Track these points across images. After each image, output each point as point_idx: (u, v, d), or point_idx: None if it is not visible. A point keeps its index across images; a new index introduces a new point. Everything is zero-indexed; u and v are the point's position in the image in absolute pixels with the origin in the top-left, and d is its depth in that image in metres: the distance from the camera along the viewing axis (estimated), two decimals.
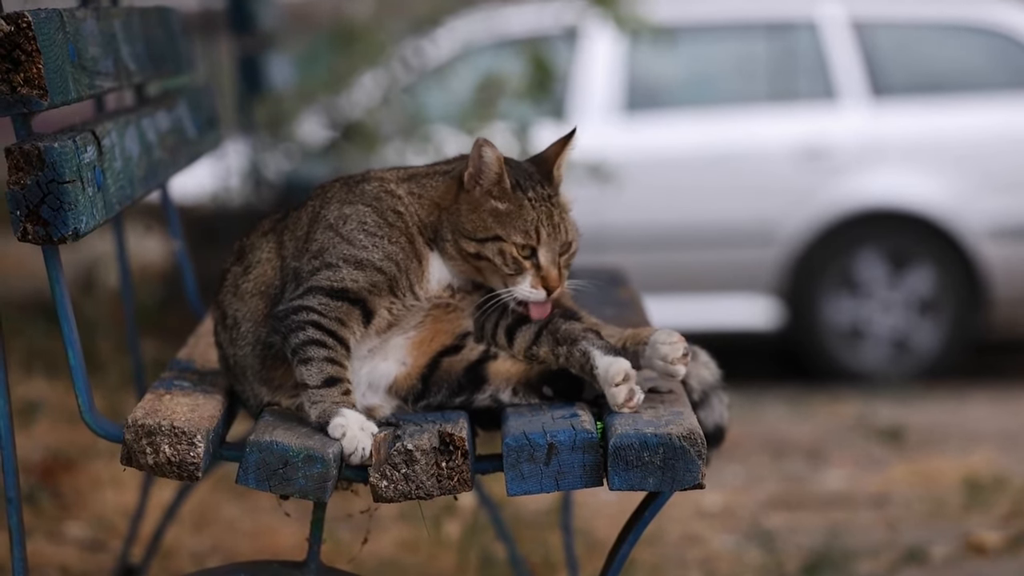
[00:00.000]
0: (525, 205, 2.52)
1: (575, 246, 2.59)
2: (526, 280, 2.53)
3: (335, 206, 2.57)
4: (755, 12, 8.47)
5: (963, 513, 4.78)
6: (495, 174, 2.52)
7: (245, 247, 2.65)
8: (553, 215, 2.54)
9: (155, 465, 2.34)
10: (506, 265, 2.52)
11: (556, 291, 2.54)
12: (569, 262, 2.58)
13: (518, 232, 2.51)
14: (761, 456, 5.58)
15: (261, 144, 7.03)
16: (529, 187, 2.54)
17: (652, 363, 2.55)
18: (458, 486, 2.37)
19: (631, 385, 2.45)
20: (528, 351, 2.56)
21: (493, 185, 2.52)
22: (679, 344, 2.54)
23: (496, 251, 2.51)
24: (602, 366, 2.46)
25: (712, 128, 8.09)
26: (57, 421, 5.12)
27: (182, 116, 3.28)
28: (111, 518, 4.36)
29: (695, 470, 2.33)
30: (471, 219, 2.52)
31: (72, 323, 2.37)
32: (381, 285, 2.50)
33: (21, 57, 2.25)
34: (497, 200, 2.52)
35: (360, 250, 2.52)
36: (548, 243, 2.53)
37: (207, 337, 2.95)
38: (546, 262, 2.53)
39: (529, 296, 2.53)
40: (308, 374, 2.44)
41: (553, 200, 2.56)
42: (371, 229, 2.53)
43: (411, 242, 2.54)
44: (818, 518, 4.80)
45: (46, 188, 2.27)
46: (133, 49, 2.92)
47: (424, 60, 7.23)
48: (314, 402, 2.42)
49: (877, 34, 8.32)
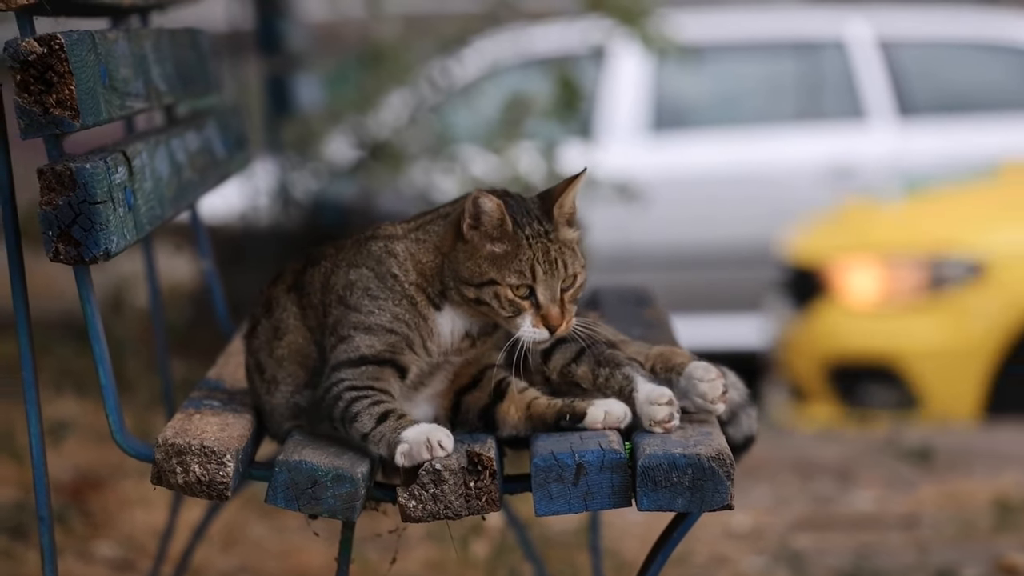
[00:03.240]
0: (522, 244, 2.47)
1: (580, 279, 2.52)
2: (526, 320, 2.47)
3: (343, 271, 2.55)
4: (782, 31, 8.47)
5: (993, 535, 4.76)
6: (497, 219, 2.47)
7: (271, 299, 2.63)
8: (550, 251, 2.48)
9: (185, 485, 2.35)
10: (503, 308, 2.46)
11: (561, 328, 2.48)
12: (575, 297, 2.52)
13: (512, 273, 2.46)
14: (789, 477, 5.56)
15: (289, 164, 7.05)
16: (526, 224, 2.48)
17: (689, 397, 2.54)
18: (486, 506, 2.37)
19: (673, 410, 2.45)
20: (565, 369, 2.54)
21: (495, 229, 2.47)
22: (718, 382, 2.53)
23: (492, 295, 2.46)
24: (644, 389, 2.47)
25: (739, 147, 8.10)
26: (87, 440, 5.13)
27: (211, 136, 3.30)
28: (140, 538, 4.37)
29: (724, 491, 2.33)
30: (467, 266, 2.48)
31: (103, 343, 2.38)
32: (399, 345, 2.49)
33: (53, 79, 2.27)
34: (496, 243, 2.47)
35: (367, 316, 2.50)
36: (545, 280, 2.47)
37: (236, 356, 2.96)
38: (545, 300, 2.47)
39: (533, 336, 2.47)
40: (361, 426, 2.42)
41: (551, 236, 2.49)
42: (375, 293, 2.51)
43: (413, 304, 2.51)
44: (847, 539, 4.78)
45: (78, 208, 2.28)
46: (163, 70, 2.94)
47: (451, 80, 7.25)
48: (377, 443, 2.40)
49: (904, 53, 8.32)
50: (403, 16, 7.51)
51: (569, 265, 2.49)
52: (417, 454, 2.35)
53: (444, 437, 2.37)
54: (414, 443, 2.35)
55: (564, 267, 2.49)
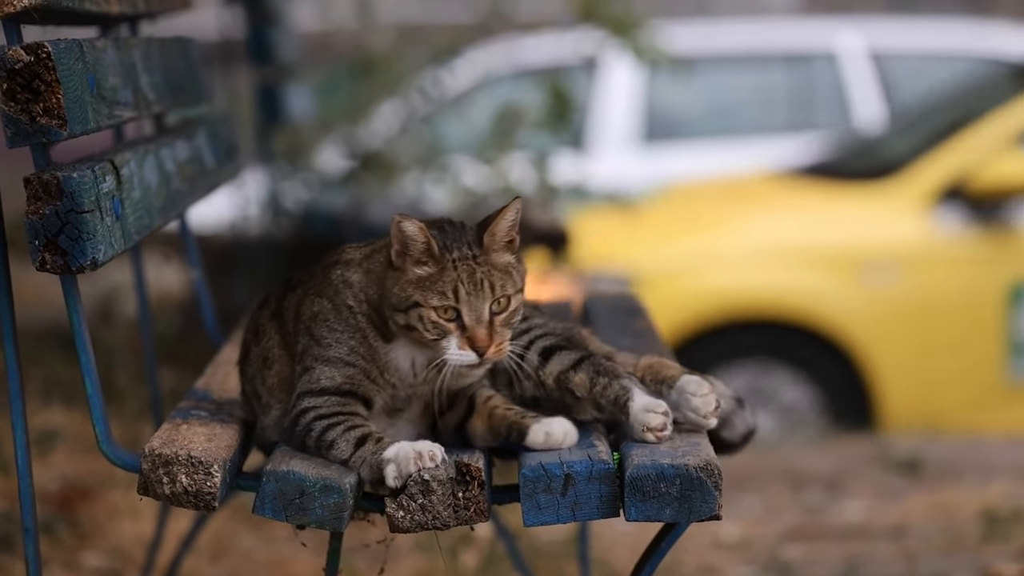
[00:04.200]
0: (447, 267, 2.43)
1: (515, 303, 2.46)
2: (452, 343, 2.42)
3: (309, 300, 2.54)
4: (774, 43, 8.49)
5: (981, 545, 4.76)
6: (422, 243, 2.43)
7: (259, 327, 2.63)
8: (476, 272, 2.43)
9: (172, 495, 2.34)
10: (427, 331, 2.42)
11: (490, 351, 2.43)
12: (508, 321, 2.46)
13: (435, 295, 2.42)
14: (779, 487, 5.56)
15: (280, 174, 7.05)
16: (454, 248, 2.45)
17: (681, 411, 2.54)
18: (475, 516, 2.36)
19: (667, 420, 2.46)
20: (562, 375, 2.53)
21: (422, 253, 2.44)
22: (710, 397, 2.53)
23: (417, 318, 2.43)
24: (641, 400, 2.47)
25: (731, 158, 8.10)
26: (74, 450, 5.12)
27: (201, 146, 3.30)
28: (128, 548, 4.36)
29: (712, 501, 2.33)
30: (395, 292, 2.45)
31: (90, 352, 2.37)
32: (357, 377, 2.48)
33: (41, 87, 2.26)
34: (422, 266, 2.44)
35: (326, 348, 2.50)
36: (469, 301, 2.42)
37: (224, 367, 2.96)
38: (470, 321, 2.42)
39: (460, 359, 2.43)
40: (339, 453, 2.41)
41: (479, 259, 2.44)
42: (332, 325, 2.50)
43: (365, 338, 2.49)
44: (836, 549, 4.77)
45: (65, 218, 2.28)
46: (152, 79, 2.93)
47: (443, 90, 7.25)
48: (359, 468, 2.40)
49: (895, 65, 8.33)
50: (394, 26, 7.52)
51: (498, 287, 2.44)
52: (405, 468, 2.34)
53: (434, 448, 2.35)
54: (401, 459, 2.34)
55: (492, 288, 2.44)
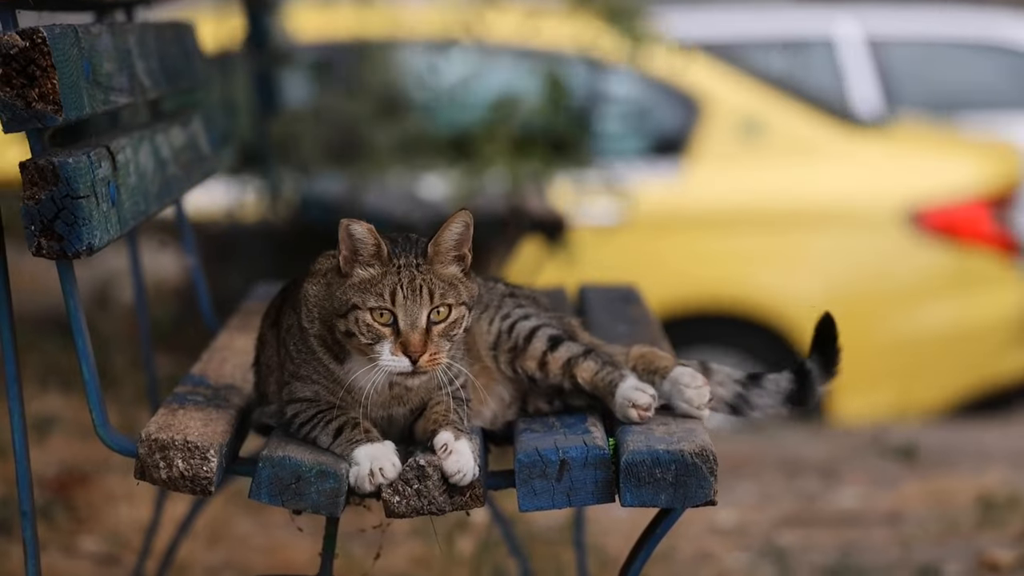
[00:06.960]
0: (389, 271, 2.41)
1: (455, 315, 2.42)
2: (385, 348, 2.39)
3: (286, 313, 2.57)
4: (771, 30, 8.48)
5: (976, 532, 4.77)
6: (372, 245, 2.42)
7: (262, 336, 2.67)
8: (416, 278, 2.39)
9: (168, 480, 2.35)
10: (362, 335, 2.39)
11: (423, 358, 2.39)
12: (448, 332, 2.42)
13: (373, 296, 2.39)
14: (775, 474, 5.57)
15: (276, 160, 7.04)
16: (402, 255, 2.43)
17: (674, 402, 2.56)
18: (470, 502, 2.37)
19: (652, 402, 2.48)
20: (568, 363, 2.55)
21: (372, 256, 2.42)
22: (704, 389, 2.54)
23: (354, 321, 2.40)
24: (631, 381, 2.50)
25: None
26: (72, 436, 5.13)
27: (197, 132, 3.30)
28: (125, 532, 4.37)
29: (707, 487, 2.34)
30: (337, 296, 2.43)
31: (86, 338, 2.38)
32: (322, 393, 2.49)
33: (36, 72, 2.26)
34: (367, 268, 2.42)
35: (297, 365, 2.52)
36: (406, 306, 2.39)
37: (221, 352, 2.96)
38: (405, 326, 2.38)
39: (393, 365, 2.39)
40: (322, 444, 2.44)
41: (421, 268, 2.41)
42: (298, 344, 2.52)
43: (319, 361, 2.49)
44: (831, 536, 4.78)
45: (60, 203, 2.28)
46: (148, 65, 2.93)
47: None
48: (340, 455, 2.41)
49: (893, 52, 8.32)
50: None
51: (437, 296, 2.41)
52: (361, 486, 2.35)
53: (385, 465, 2.35)
54: (360, 476, 2.36)
55: (431, 296, 2.41)
